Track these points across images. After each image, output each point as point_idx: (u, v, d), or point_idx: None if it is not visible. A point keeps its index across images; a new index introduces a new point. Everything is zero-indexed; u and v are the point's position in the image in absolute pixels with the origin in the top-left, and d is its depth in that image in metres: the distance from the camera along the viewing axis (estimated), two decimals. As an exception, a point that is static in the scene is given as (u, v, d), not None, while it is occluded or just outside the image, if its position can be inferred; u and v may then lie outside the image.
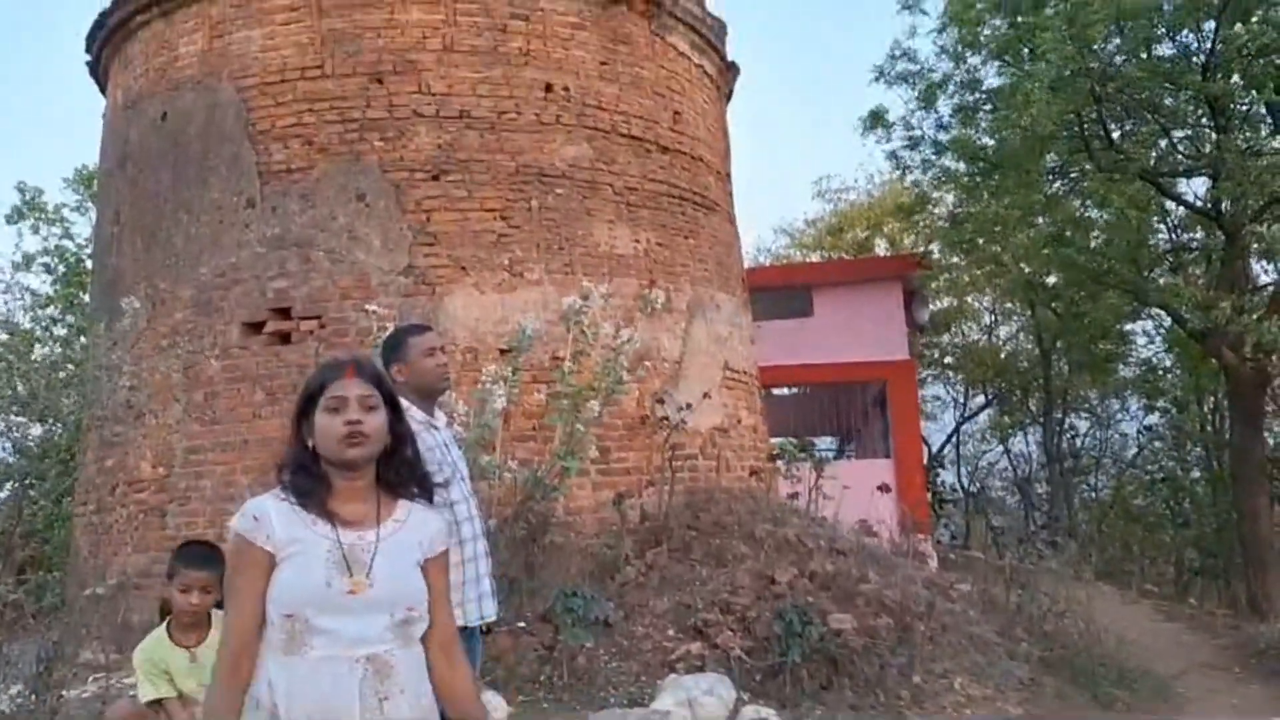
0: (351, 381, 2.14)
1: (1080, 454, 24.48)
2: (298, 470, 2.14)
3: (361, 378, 2.16)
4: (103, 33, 9.10)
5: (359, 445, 2.11)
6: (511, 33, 8.17)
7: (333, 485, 2.13)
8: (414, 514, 2.19)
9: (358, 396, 2.13)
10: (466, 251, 7.77)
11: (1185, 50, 13.24)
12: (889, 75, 14.71)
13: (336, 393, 2.13)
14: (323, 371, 2.21)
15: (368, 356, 2.28)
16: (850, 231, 25.04)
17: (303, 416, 2.17)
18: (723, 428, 8.56)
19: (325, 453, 2.12)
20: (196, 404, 7.86)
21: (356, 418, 2.10)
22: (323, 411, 2.12)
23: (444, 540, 2.22)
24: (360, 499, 2.14)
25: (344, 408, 2.11)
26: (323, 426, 2.12)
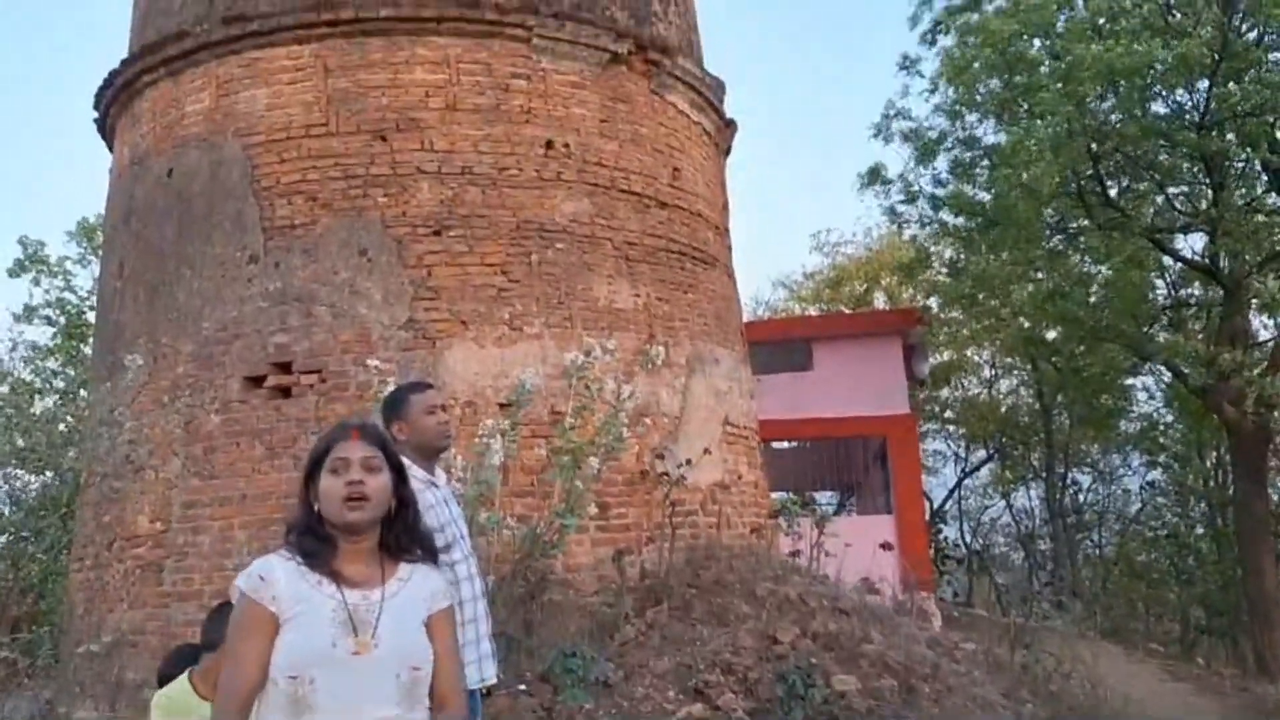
0: (355, 444, 2.20)
1: (1083, 510, 24.37)
2: (304, 532, 2.18)
3: (366, 440, 2.21)
4: (111, 91, 9.22)
5: (360, 508, 2.14)
6: (513, 91, 8.28)
7: (338, 547, 2.16)
8: (416, 573, 2.22)
9: (361, 458, 2.18)
10: (467, 305, 7.80)
11: (1180, 108, 13.42)
12: (886, 133, 14.91)
13: (340, 454, 2.18)
14: (329, 435, 2.27)
15: (374, 422, 2.42)
16: (849, 285, 25.17)
17: (310, 479, 2.22)
18: (723, 484, 8.51)
19: (328, 515, 2.16)
20: (195, 458, 7.83)
21: (358, 478, 2.15)
22: (326, 473, 2.17)
23: (447, 596, 2.25)
24: (364, 560, 2.17)
25: (346, 469, 2.16)
26: (326, 488, 2.17)
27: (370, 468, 2.17)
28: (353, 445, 2.19)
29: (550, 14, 8.47)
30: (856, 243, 25.76)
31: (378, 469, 2.18)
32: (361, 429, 2.25)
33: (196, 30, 8.48)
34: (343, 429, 2.27)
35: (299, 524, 2.20)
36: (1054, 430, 21.69)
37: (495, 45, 8.31)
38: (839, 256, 26.13)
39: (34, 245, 16.15)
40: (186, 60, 8.55)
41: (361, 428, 2.26)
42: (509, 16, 8.32)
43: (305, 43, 8.22)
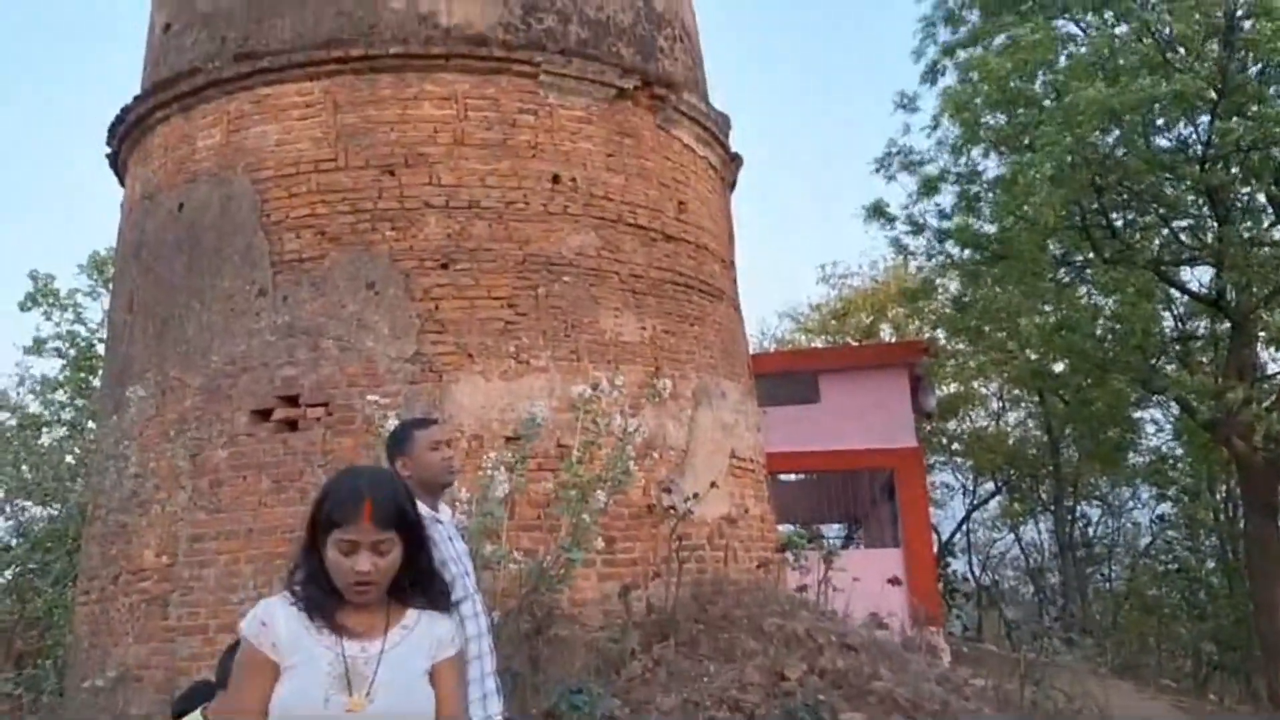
0: (367, 527, 2.06)
1: (1093, 543, 24.22)
2: (309, 580, 2.12)
3: (378, 523, 2.07)
4: (123, 126, 9.32)
5: (366, 594, 2.08)
6: (520, 126, 8.35)
7: (344, 597, 2.11)
8: (423, 619, 2.16)
9: (371, 544, 2.07)
10: (474, 339, 7.82)
11: (1183, 142, 13.47)
12: (888, 169, 14.98)
13: (349, 536, 2.07)
14: (338, 505, 2.10)
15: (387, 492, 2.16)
16: (855, 316, 25.18)
17: (317, 528, 2.12)
18: (730, 517, 8.48)
19: (334, 582, 2.10)
20: (202, 492, 7.83)
21: (366, 568, 2.05)
22: (333, 548, 2.07)
23: (454, 643, 2.20)
24: (369, 609, 2.13)
25: (354, 553, 2.07)
26: (332, 561, 2.08)
27: (381, 552, 2.08)
28: (364, 529, 2.05)
29: (557, 51, 8.56)
30: (862, 274, 25.85)
31: (387, 553, 2.08)
32: (375, 505, 2.07)
33: (208, 67, 8.58)
34: (355, 501, 2.07)
35: (305, 570, 2.14)
36: (1062, 463, 21.59)
37: (503, 81, 8.39)
38: (845, 288, 26.19)
39: (44, 279, 16.25)
40: (198, 96, 8.65)
41: (374, 499, 2.08)
42: (516, 54, 8.40)
43: (315, 79, 8.31)
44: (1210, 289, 14.20)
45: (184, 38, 9.06)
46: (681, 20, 10.02)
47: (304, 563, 2.14)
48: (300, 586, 2.12)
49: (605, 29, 9.03)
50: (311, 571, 2.12)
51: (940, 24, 14.77)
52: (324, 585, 2.10)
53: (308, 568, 2.13)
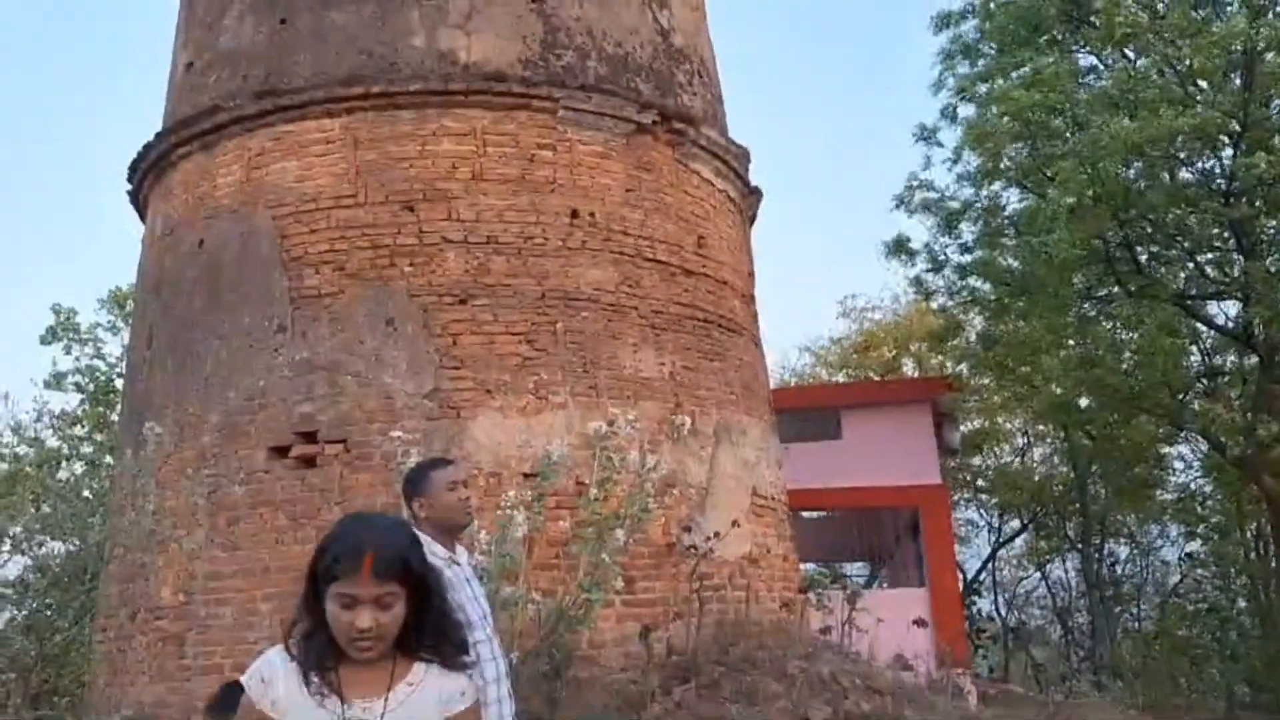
0: (366, 580, 1.93)
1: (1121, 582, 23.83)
2: (309, 635, 2.01)
3: (378, 574, 1.94)
4: (145, 164, 9.38)
5: (368, 651, 1.96)
6: (539, 162, 8.33)
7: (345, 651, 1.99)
8: (430, 674, 2.03)
9: (373, 598, 1.94)
10: (492, 375, 7.76)
11: (1206, 175, 13.35)
12: (909, 205, 14.91)
13: (348, 591, 1.93)
14: (338, 558, 1.97)
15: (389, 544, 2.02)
16: (877, 351, 25.02)
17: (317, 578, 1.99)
18: (752, 557, 8.34)
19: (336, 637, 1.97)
20: (219, 529, 7.78)
21: (367, 624, 1.93)
22: (333, 602, 1.95)
23: (465, 698, 2.07)
24: (373, 665, 2.00)
25: (354, 608, 1.94)
26: (333, 615, 1.96)
27: (383, 606, 1.95)
28: (363, 581, 1.92)
29: (576, 86, 8.56)
30: (884, 308, 25.71)
31: (389, 606, 1.96)
32: (376, 558, 1.94)
33: (229, 104, 8.63)
34: (354, 554, 1.95)
35: (304, 620, 2.01)
36: (1089, 500, 21.28)
37: (522, 117, 8.39)
38: (866, 322, 26.06)
39: (66, 313, 16.37)
40: (219, 133, 8.69)
41: (376, 551, 1.95)
42: (536, 89, 8.41)
43: (335, 116, 8.33)
44: (1237, 323, 14.01)
45: (206, 76, 9.13)
46: (700, 55, 10.03)
47: (304, 616, 2.02)
48: (300, 641, 2.02)
49: (624, 65, 9.04)
50: (311, 626, 2.01)
51: (958, 57, 14.76)
52: (324, 640, 1.99)
53: (307, 621, 2.02)
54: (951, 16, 14.67)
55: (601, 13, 9.05)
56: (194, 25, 9.55)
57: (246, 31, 8.97)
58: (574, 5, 8.92)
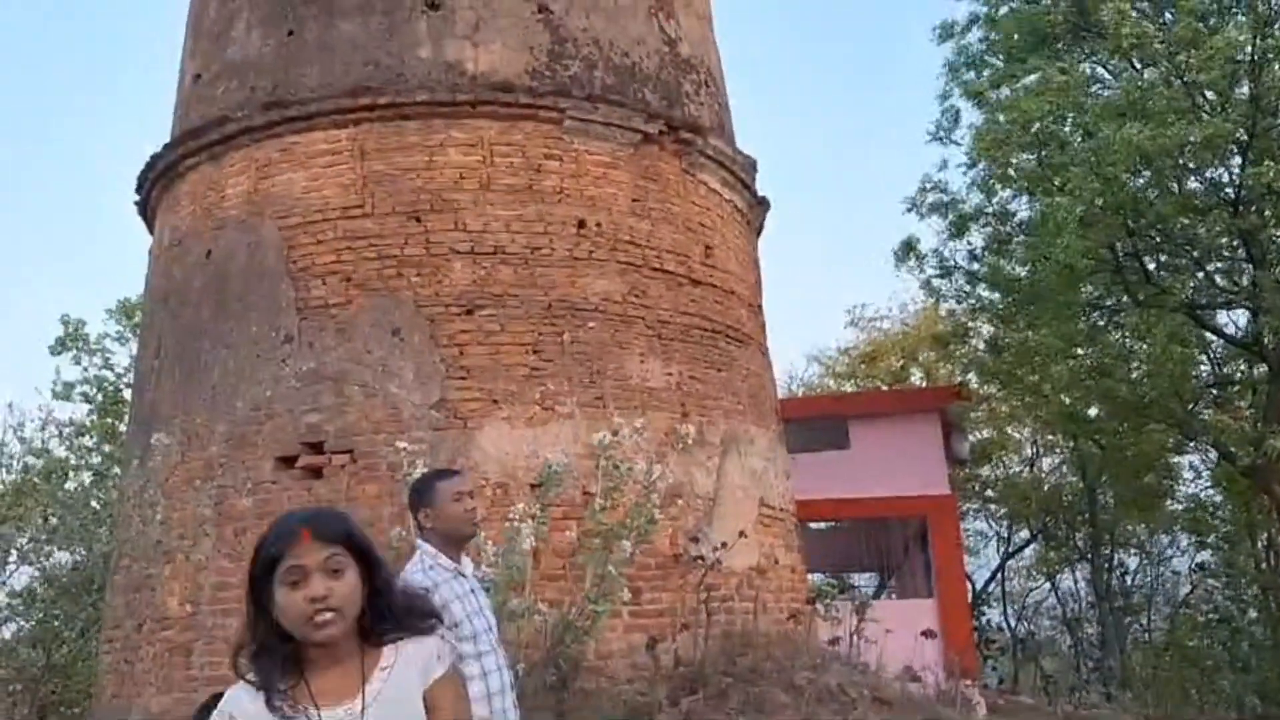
0: (310, 546, 1.84)
1: (1131, 592, 23.67)
2: (260, 653, 1.88)
3: (321, 539, 1.85)
4: (153, 174, 9.40)
5: (329, 624, 1.83)
6: (546, 172, 8.34)
7: (305, 655, 1.87)
8: (401, 652, 1.91)
9: (319, 562, 1.83)
10: (498, 385, 7.75)
11: (1215, 185, 13.30)
12: (920, 207, 14.86)
13: (293, 562, 1.83)
14: (275, 538, 1.88)
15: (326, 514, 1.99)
16: (885, 360, 24.94)
17: (259, 586, 1.87)
18: (759, 568, 8.31)
19: (291, 631, 1.85)
20: (226, 540, 7.78)
21: (321, 592, 1.82)
22: (281, 586, 1.83)
23: (444, 657, 1.96)
24: (338, 660, 1.88)
25: (305, 580, 1.82)
26: (284, 603, 1.83)
27: (333, 570, 1.83)
28: (306, 548, 1.83)
29: (583, 97, 8.57)
30: (892, 317, 25.63)
31: (341, 569, 1.84)
32: (312, 523, 1.87)
33: (237, 115, 8.65)
34: (288, 527, 1.87)
35: (252, 641, 1.88)
36: (1099, 510, 21.15)
37: (528, 127, 8.40)
38: (874, 331, 25.97)
39: (75, 324, 16.40)
40: (227, 144, 8.72)
41: (312, 521, 1.88)
42: (542, 100, 8.42)
43: (343, 127, 8.35)
44: (1247, 332, 13.94)
45: (214, 87, 9.16)
46: (707, 65, 10.03)
47: (251, 635, 1.89)
48: (252, 663, 1.88)
49: (631, 75, 9.05)
50: (260, 640, 1.88)
51: (963, 68, 14.74)
52: (277, 649, 1.86)
53: (257, 638, 1.88)
54: (955, 27, 14.65)
55: (608, 23, 9.06)
56: (202, 36, 9.59)
57: (254, 43, 9.00)
58: (581, 16, 8.93)
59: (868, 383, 24.62)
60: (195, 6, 9.95)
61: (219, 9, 9.40)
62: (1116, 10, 11.48)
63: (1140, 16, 12.27)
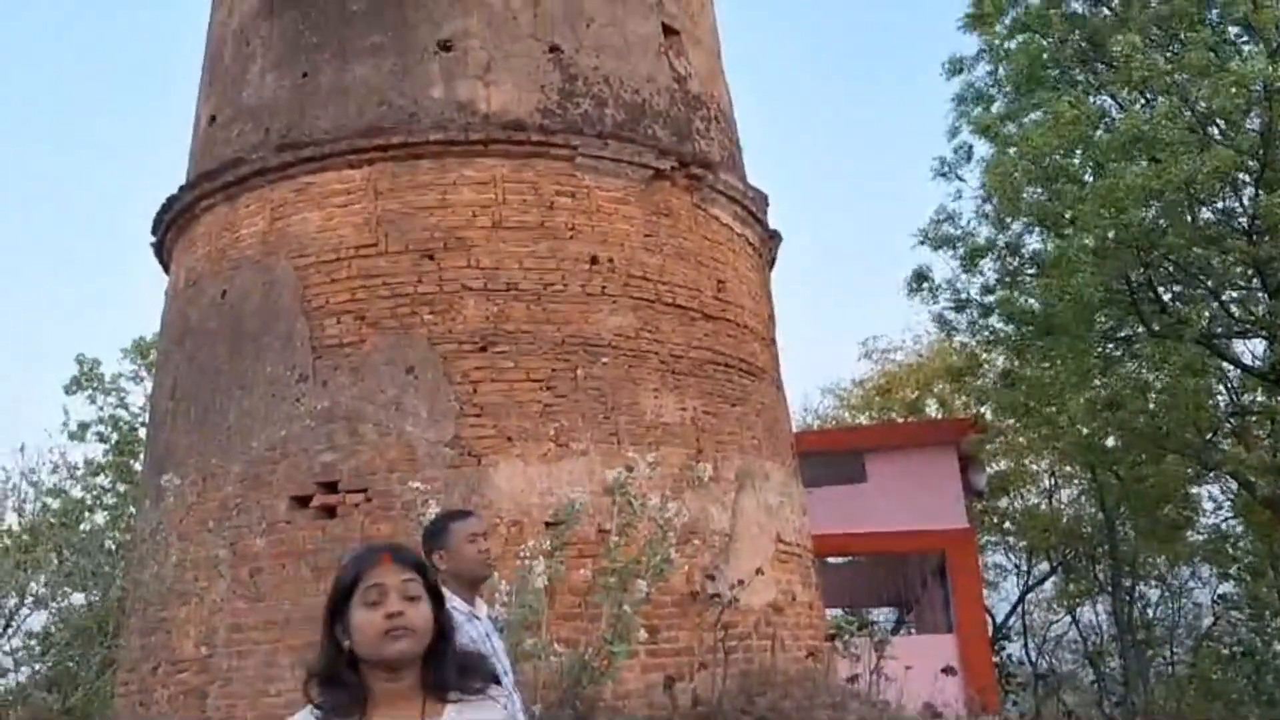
0: (390, 568, 1.97)
1: (1153, 625, 23.36)
2: (329, 682, 1.96)
3: (400, 564, 1.98)
4: (169, 216, 9.48)
5: (402, 639, 1.91)
6: (558, 209, 8.37)
7: (372, 691, 1.94)
8: (465, 711, 1.98)
9: (398, 584, 1.95)
10: (512, 422, 7.74)
11: (1228, 214, 13.26)
12: (932, 239, 14.83)
13: (374, 581, 1.94)
14: (357, 561, 2.01)
15: (403, 543, 2.18)
16: (899, 392, 24.83)
17: (335, 615, 1.98)
18: (777, 605, 8.23)
19: (364, 652, 1.93)
20: (241, 580, 7.75)
21: (398, 609, 1.92)
22: (360, 606, 1.94)
23: None
24: (404, 702, 1.95)
25: (384, 599, 1.93)
26: (361, 622, 1.93)
27: (410, 595, 1.95)
28: (386, 569, 1.96)
29: (594, 134, 8.62)
30: (906, 349, 25.54)
31: (417, 597, 1.95)
32: (393, 551, 2.02)
33: (252, 157, 8.73)
34: (371, 552, 2.02)
35: (323, 670, 1.97)
36: (1119, 542, 20.92)
37: (540, 165, 8.45)
38: (888, 363, 25.88)
39: (90, 363, 16.47)
40: (242, 185, 8.79)
41: (393, 550, 2.03)
42: (554, 138, 8.48)
43: (357, 167, 8.41)
44: (1264, 361, 13.83)
45: (229, 129, 9.25)
46: (717, 101, 10.09)
47: (323, 665, 1.98)
48: (320, 689, 1.96)
49: (641, 112, 9.10)
50: (331, 670, 1.97)
51: (972, 101, 14.77)
52: (346, 680, 1.95)
53: (328, 666, 1.97)
54: (964, 61, 14.70)
55: (618, 61, 9.13)
56: (218, 80, 9.70)
57: (269, 86, 9.10)
58: (591, 55, 9.01)
59: (882, 414, 24.50)
60: (211, 51, 10.08)
61: (235, 53, 9.51)
62: (1128, 43, 11.50)
63: (1151, 47, 12.29)
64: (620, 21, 9.22)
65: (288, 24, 9.16)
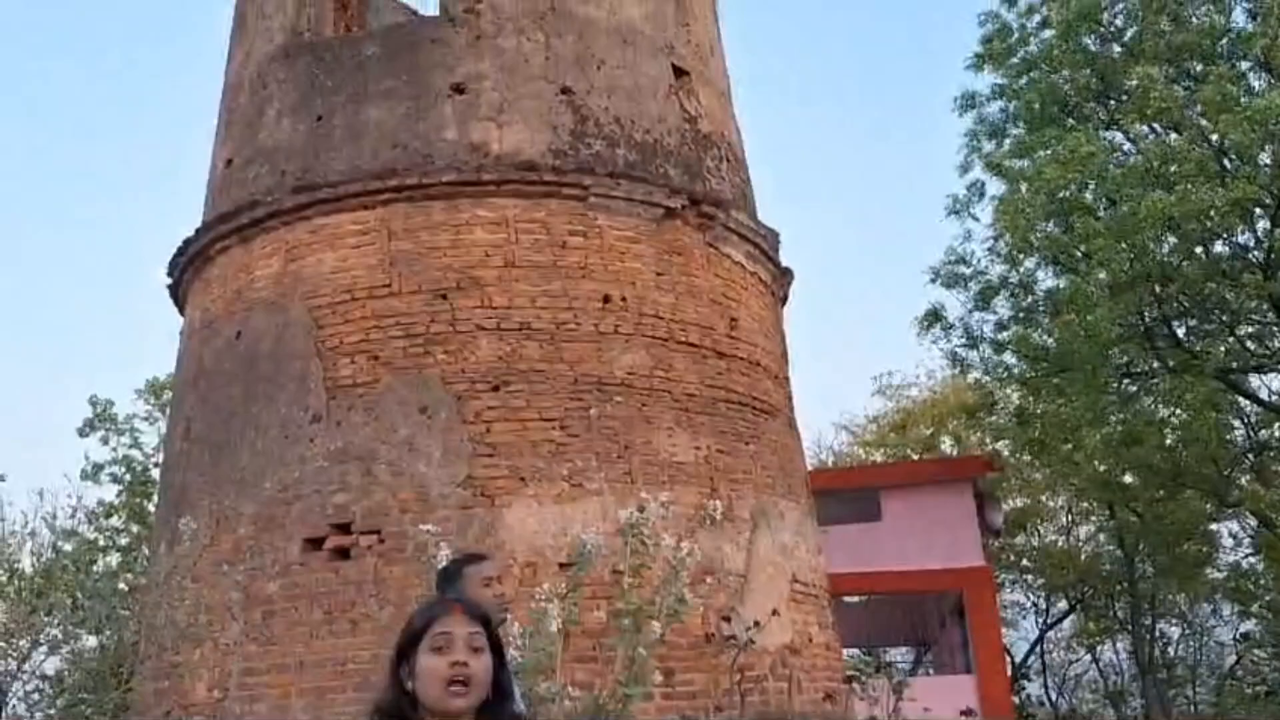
0: (459, 618, 2.10)
1: (1174, 664, 23.04)
2: (393, 716, 2.07)
3: (469, 616, 2.12)
4: (184, 258, 9.54)
5: (463, 694, 2.03)
6: (570, 248, 8.40)
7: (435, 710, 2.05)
8: None
9: (465, 635, 2.07)
10: (525, 462, 7.71)
11: (1242, 249, 13.23)
12: (944, 277, 14.82)
13: (443, 629, 2.07)
14: (429, 608, 2.17)
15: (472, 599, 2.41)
16: (914, 429, 24.72)
17: (402, 657, 2.10)
18: (793, 647, 8.13)
19: (426, 699, 2.04)
20: (254, 623, 7.71)
21: (463, 658, 2.04)
22: (427, 651, 2.06)
23: None
24: None
25: (450, 647, 2.06)
26: (426, 668, 2.04)
27: (475, 647, 2.07)
28: (456, 620, 2.09)
29: (606, 174, 8.66)
30: (920, 385, 25.45)
31: (481, 649, 2.08)
32: (464, 604, 2.17)
33: (268, 199, 8.80)
34: (442, 603, 2.19)
35: (388, 707, 2.08)
36: (1138, 579, 20.69)
37: (552, 204, 8.48)
38: (902, 399, 25.79)
39: (104, 404, 16.51)
40: (258, 227, 8.85)
41: (464, 603, 2.19)
42: (566, 178, 8.52)
43: (371, 208, 8.47)
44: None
45: (245, 172, 9.33)
46: (728, 140, 10.14)
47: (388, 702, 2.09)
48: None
49: (653, 151, 9.15)
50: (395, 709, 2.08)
51: (984, 138, 14.81)
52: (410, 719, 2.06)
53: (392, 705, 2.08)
54: (977, 97, 14.76)
55: (629, 102, 9.19)
56: (234, 124, 9.81)
57: (284, 129, 9.18)
58: (602, 96, 9.07)
59: (897, 451, 24.38)
60: (228, 96, 10.20)
61: (250, 98, 9.62)
62: (1145, 75, 11.54)
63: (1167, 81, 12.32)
64: (631, 64, 9.30)
65: (303, 69, 9.27)
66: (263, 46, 9.71)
